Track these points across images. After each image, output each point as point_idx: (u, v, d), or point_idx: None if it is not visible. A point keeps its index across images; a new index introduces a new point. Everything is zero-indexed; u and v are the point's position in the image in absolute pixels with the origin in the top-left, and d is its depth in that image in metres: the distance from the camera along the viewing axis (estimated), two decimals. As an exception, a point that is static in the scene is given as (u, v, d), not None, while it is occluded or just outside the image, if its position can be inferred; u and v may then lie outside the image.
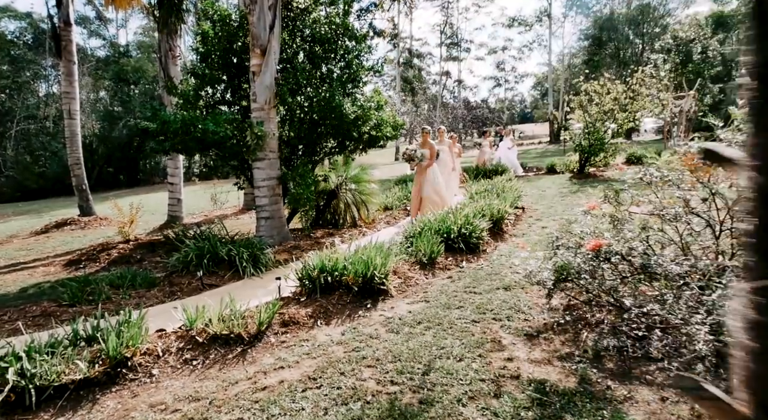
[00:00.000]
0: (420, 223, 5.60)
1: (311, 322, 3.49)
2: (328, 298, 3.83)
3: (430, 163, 6.94)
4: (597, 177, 11.83)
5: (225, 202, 12.80)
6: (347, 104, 6.03)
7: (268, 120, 5.92)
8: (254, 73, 5.89)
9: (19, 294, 5.25)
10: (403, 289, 4.15)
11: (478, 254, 5.20)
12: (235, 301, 3.64)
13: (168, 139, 5.97)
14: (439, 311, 3.54)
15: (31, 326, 3.89)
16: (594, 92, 11.65)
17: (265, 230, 6.00)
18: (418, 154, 6.84)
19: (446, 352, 2.81)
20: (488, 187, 8.56)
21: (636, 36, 31.61)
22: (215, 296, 4.47)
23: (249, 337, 3.21)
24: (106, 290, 4.46)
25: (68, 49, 10.60)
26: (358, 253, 4.15)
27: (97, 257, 6.72)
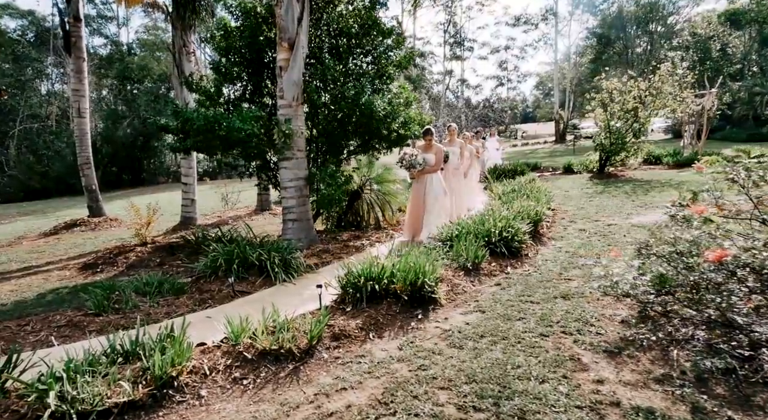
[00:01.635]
0: (457, 226, 5.34)
1: (363, 335, 3.23)
2: (377, 308, 3.57)
3: (435, 168, 5.96)
4: (619, 177, 11.57)
5: (236, 203, 12.55)
6: (377, 101, 5.76)
7: (295, 117, 5.66)
8: (281, 68, 5.63)
9: (37, 300, 5.00)
10: (451, 298, 3.89)
11: (521, 259, 4.94)
12: (278, 312, 3.39)
13: (190, 138, 5.72)
14: (500, 323, 3.28)
15: (57, 338, 3.63)
16: (615, 90, 11.37)
17: (292, 233, 5.74)
18: (419, 160, 5.82)
19: (524, 372, 2.56)
20: (515, 187, 8.30)
21: (645, 34, 31.30)
22: (249, 305, 4.23)
23: (300, 353, 2.95)
24: (132, 298, 4.20)
25: (78, 45, 10.33)
26: (404, 259, 3.89)
27: (115, 261, 6.46)
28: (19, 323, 3.91)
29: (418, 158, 5.82)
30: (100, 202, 10.88)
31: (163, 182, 28.75)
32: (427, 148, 6.02)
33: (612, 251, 3.70)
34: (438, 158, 5.96)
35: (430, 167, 5.95)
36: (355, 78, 6.14)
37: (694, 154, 13.33)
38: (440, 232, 5.40)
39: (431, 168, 5.96)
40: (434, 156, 5.96)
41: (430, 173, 5.99)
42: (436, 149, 5.99)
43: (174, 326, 2.99)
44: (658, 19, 30.69)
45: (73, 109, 10.66)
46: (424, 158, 5.87)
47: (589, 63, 34.72)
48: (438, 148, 6.00)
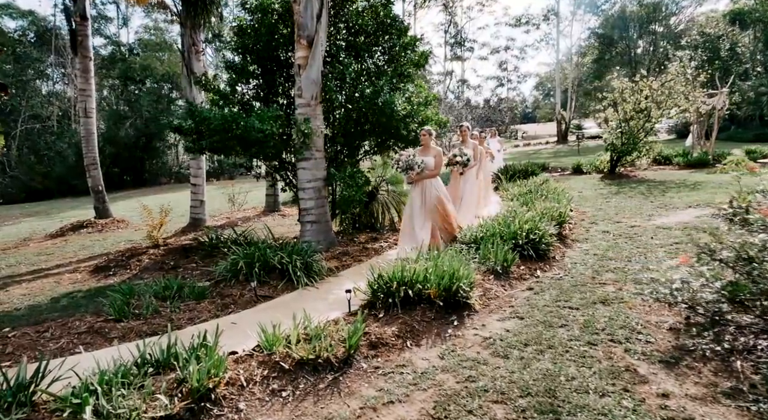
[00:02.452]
0: (481, 228, 5.21)
1: (400, 343, 3.10)
2: (411, 315, 3.44)
3: (434, 172, 5.34)
4: (630, 177, 11.45)
5: (243, 204, 12.41)
6: (398, 100, 5.64)
7: (314, 117, 5.53)
8: (300, 67, 5.50)
9: (51, 305, 4.86)
10: (484, 303, 3.76)
11: (549, 262, 4.82)
12: (310, 319, 3.27)
13: (205, 138, 5.58)
14: (542, 330, 3.16)
15: (78, 345, 3.49)
16: (627, 90, 11.25)
17: (311, 235, 5.61)
18: (418, 161, 5.24)
19: (581, 385, 2.43)
20: (531, 188, 8.18)
21: (647, 34, 31.24)
22: (273, 310, 4.10)
23: (338, 362, 2.82)
24: (153, 303, 4.06)
25: (84, 44, 10.18)
26: (435, 262, 3.77)
27: (127, 264, 6.32)
28: (38, 329, 3.77)
29: (415, 160, 5.30)
30: (106, 203, 10.74)
31: (165, 183, 28.57)
32: (426, 151, 5.45)
33: (681, 258, 3.50)
34: (437, 162, 5.34)
35: (430, 171, 5.33)
36: (374, 77, 6.01)
37: (705, 155, 13.23)
38: (463, 233, 5.27)
39: (430, 172, 5.33)
40: (433, 159, 5.33)
41: (429, 178, 5.37)
42: (435, 152, 5.37)
43: (207, 334, 2.85)
44: (661, 19, 30.65)
45: (80, 109, 10.52)
46: (423, 160, 5.32)
47: (591, 63, 34.61)
48: (438, 151, 5.39)
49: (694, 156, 13.28)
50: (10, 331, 3.92)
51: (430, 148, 5.41)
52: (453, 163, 6.43)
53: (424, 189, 5.35)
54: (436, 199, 5.37)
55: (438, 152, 5.42)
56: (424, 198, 5.36)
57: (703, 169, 12.42)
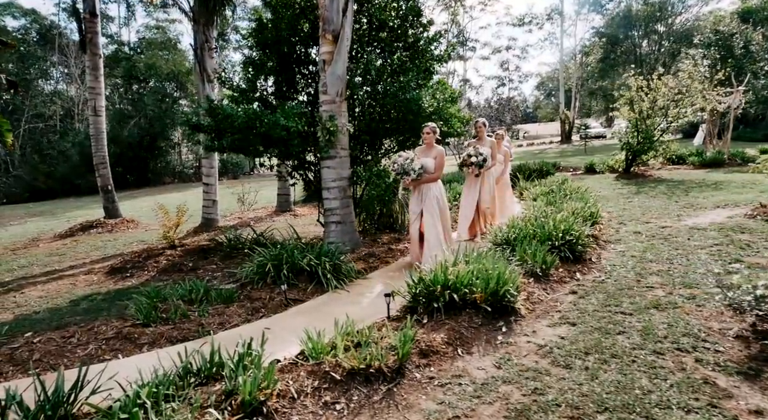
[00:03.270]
0: (513, 228, 5.05)
1: (451, 351, 2.94)
2: (457, 320, 3.28)
3: (435, 176, 4.86)
4: (647, 177, 11.29)
5: (253, 203, 12.24)
6: (425, 96, 5.47)
7: (339, 114, 5.37)
8: (325, 62, 5.34)
9: (71, 308, 4.70)
10: (529, 308, 3.60)
11: (585, 264, 4.66)
12: (353, 324, 3.11)
13: (227, 136, 5.42)
14: (599, 338, 3.00)
15: (107, 351, 3.33)
16: (643, 88, 11.08)
17: (336, 236, 5.44)
18: (415, 166, 4.71)
19: (660, 399, 2.27)
20: (552, 188, 8.02)
21: (653, 33, 31.09)
22: (305, 314, 3.94)
23: (390, 372, 2.66)
24: (181, 307, 3.90)
25: (94, 41, 10.03)
26: (477, 265, 3.61)
27: (144, 265, 6.16)
28: (63, 335, 3.61)
29: (414, 163, 4.72)
30: (116, 202, 10.58)
31: (169, 182, 28.40)
32: (427, 151, 4.90)
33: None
34: (438, 163, 4.82)
35: (429, 175, 4.81)
36: (398, 72, 5.85)
37: (719, 154, 13.07)
38: (495, 234, 5.11)
39: (430, 176, 4.81)
40: (434, 161, 4.82)
41: (429, 182, 4.85)
42: (436, 153, 4.85)
43: (252, 342, 2.69)
44: (667, 17, 30.48)
45: (89, 107, 10.35)
46: (422, 164, 4.78)
47: (596, 62, 34.45)
48: (439, 152, 4.88)
49: (708, 155, 13.13)
50: (33, 335, 3.76)
51: (433, 148, 4.92)
52: (467, 164, 5.88)
53: (422, 193, 4.90)
54: (435, 203, 4.87)
55: (440, 153, 4.89)
56: (422, 202, 4.90)
57: (719, 168, 12.26)
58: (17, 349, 3.35)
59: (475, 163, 5.84)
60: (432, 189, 4.91)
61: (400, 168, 4.80)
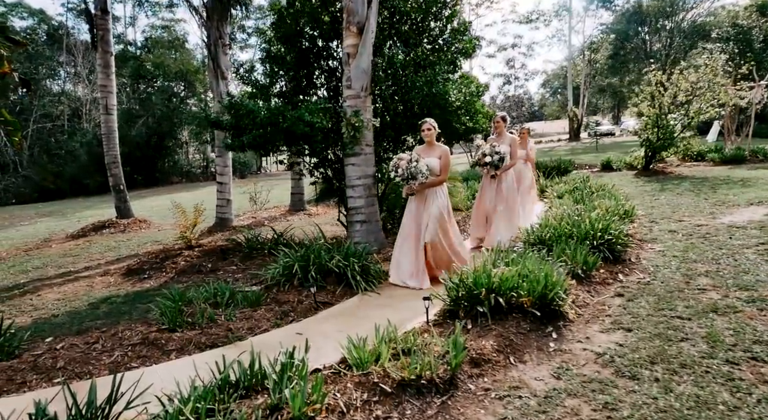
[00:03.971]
0: (546, 227, 4.84)
1: (502, 360, 2.75)
2: (504, 325, 3.09)
3: (441, 178, 4.34)
4: (667, 174, 11.01)
5: (265, 202, 12.09)
6: (452, 91, 5.27)
7: (363, 109, 5.18)
8: (349, 55, 5.15)
9: (91, 311, 4.55)
10: (577, 312, 3.40)
11: (625, 264, 4.44)
12: (396, 330, 2.92)
13: (247, 133, 5.25)
14: (662, 345, 2.79)
15: (134, 358, 3.17)
16: (665, 82, 10.81)
17: (361, 236, 5.26)
18: (422, 168, 4.17)
19: (752, 417, 2.06)
20: (577, 185, 7.80)
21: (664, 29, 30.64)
22: (337, 318, 3.77)
23: (443, 383, 2.47)
24: (208, 310, 3.73)
25: (105, 38, 9.90)
26: (521, 267, 3.41)
27: (162, 266, 6.01)
28: (86, 340, 3.46)
29: (420, 165, 4.17)
30: (128, 202, 10.46)
31: (177, 182, 28.38)
32: (429, 150, 4.37)
33: None
34: (444, 164, 4.31)
35: (435, 178, 4.29)
36: (424, 66, 5.65)
37: (739, 151, 12.75)
38: (528, 233, 4.90)
39: (436, 179, 4.29)
40: (439, 161, 4.29)
41: (435, 186, 4.32)
42: (441, 151, 4.34)
43: (294, 351, 2.51)
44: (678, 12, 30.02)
45: (101, 106, 10.23)
46: (426, 165, 4.23)
47: (606, 59, 34.03)
48: (444, 151, 4.35)
49: (728, 152, 12.81)
50: (55, 341, 3.61)
51: (436, 147, 4.37)
52: (483, 164, 5.31)
53: (428, 199, 4.31)
54: (437, 212, 4.27)
55: (444, 152, 4.33)
56: (426, 209, 4.31)
57: (740, 165, 11.94)
58: (40, 356, 3.19)
59: (491, 162, 5.28)
60: (439, 194, 4.36)
61: (405, 172, 4.20)
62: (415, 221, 4.39)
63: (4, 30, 4.74)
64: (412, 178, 4.22)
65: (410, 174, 4.21)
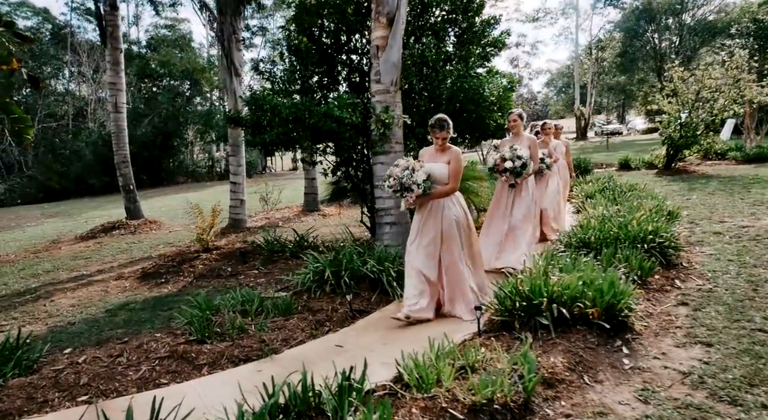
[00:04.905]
0: (588, 229, 4.55)
1: (576, 379, 2.47)
2: (569, 339, 2.81)
3: (450, 188, 3.55)
4: (691, 173, 10.71)
5: (277, 202, 11.83)
6: (487, 85, 4.99)
7: (393, 104, 4.90)
8: (378, 48, 4.87)
9: (108, 319, 4.29)
10: (643, 323, 3.11)
11: (678, 269, 4.16)
12: (453, 342, 2.65)
13: (269, 130, 4.98)
14: (754, 362, 2.51)
15: (163, 374, 2.91)
16: (685, 79, 10.50)
17: (390, 238, 4.99)
18: (417, 179, 3.39)
19: None
20: (606, 185, 7.51)
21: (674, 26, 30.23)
22: (377, 328, 3.51)
23: (517, 408, 2.20)
24: (239, 320, 3.46)
25: (114, 35, 9.65)
26: (582, 274, 3.13)
27: (179, 269, 5.75)
28: (110, 353, 3.19)
29: (417, 175, 3.39)
30: (138, 202, 10.22)
31: (182, 182, 28.12)
32: (436, 154, 3.62)
33: None
34: (454, 169, 3.51)
35: (442, 188, 3.51)
36: (452, 59, 5.37)
37: (762, 149, 12.41)
38: (569, 236, 4.62)
39: (444, 188, 3.51)
40: (446, 166, 3.52)
41: (443, 197, 3.54)
42: (450, 155, 3.55)
43: (352, 371, 2.23)
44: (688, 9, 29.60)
45: (110, 104, 9.99)
46: (428, 173, 3.46)
47: (614, 57, 33.63)
48: (454, 155, 3.56)
49: (751, 150, 12.48)
50: (74, 353, 3.35)
51: (447, 150, 3.61)
52: (502, 171, 4.51)
53: (434, 213, 3.53)
54: (455, 225, 3.52)
55: (455, 156, 3.55)
56: (435, 225, 3.51)
57: (764, 163, 11.62)
58: (62, 371, 2.93)
59: (511, 169, 4.45)
60: (449, 207, 3.54)
61: (397, 184, 3.43)
62: (423, 238, 3.61)
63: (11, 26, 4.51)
64: (406, 190, 3.43)
65: (403, 185, 3.42)
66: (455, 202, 3.64)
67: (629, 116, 45.75)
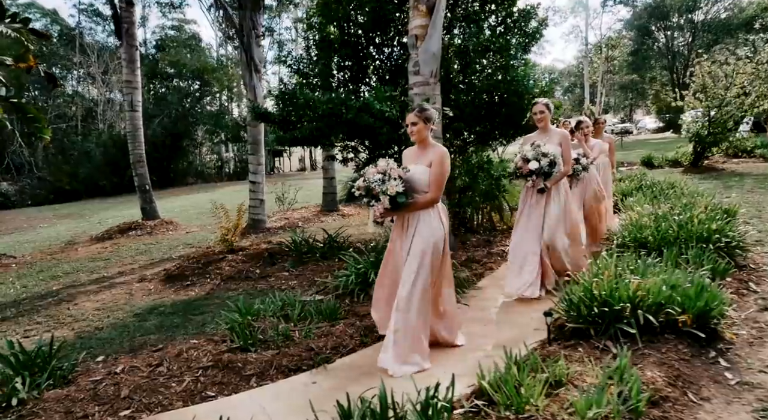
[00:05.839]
0: (648, 229, 4.26)
1: (680, 396, 2.20)
2: (659, 350, 2.53)
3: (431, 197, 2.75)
4: (720, 170, 10.37)
5: (293, 202, 11.59)
6: (532, 77, 4.73)
7: (433, 97, 4.64)
8: (416, 38, 4.62)
9: (138, 323, 4.07)
10: (733, 332, 2.83)
11: (747, 271, 3.87)
12: (537, 358, 2.39)
13: (304, 125, 4.75)
14: None
15: (209, 385, 2.67)
16: (718, 74, 10.17)
17: (430, 238, 4.72)
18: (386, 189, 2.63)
19: None
20: (644, 182, 7.21)
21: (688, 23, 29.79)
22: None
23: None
24: (283, 325, 3.22)
25: (130, 32, 9.49)
26: (665, 276, 2.86)
27: (205, 271, 5.53)
28: (148, 362, 2.96)
29: (388, 184, 2.62)
30: (154, 203, 10.04)
31: (192, 183, 27.99)
32: (419, 153, 2.86)
33: None
34: (437, 174, 2.72)
35: (422, 197, 2.74)
36: (493, 51, 5.11)
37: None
38: (623, 235, 4.33)
39: (421, 198, 2.74)
40: (427, 170, 2.74)
41: (421, 209, 2.75)
42: (434, 155, 2.75)
43: (437, 388, 1.98)
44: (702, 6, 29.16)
45: (126, 103, 9.82)
46: (402, 178, 2.67)
47: (627, 55, 33.22)
48: (440, 155, 2.75)
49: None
50: (108, 361, 3.12)
51: (428, 147, 2.82)
52: (526, 175, 3.66)
53: (408, 226, 2.80)
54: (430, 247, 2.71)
55: (438, 157, 2.74)
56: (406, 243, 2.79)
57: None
58: (100, 382, 2.70)
59: (537, 170, 3.58)
60: (425, 221, 2.74)
61: (364, 189, 2.70)
62: (393, 263, 2.91)
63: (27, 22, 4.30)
64: (373, 198, 2.67)
65: (370, 191, 2.67)
66: (434, 217, 2.77)
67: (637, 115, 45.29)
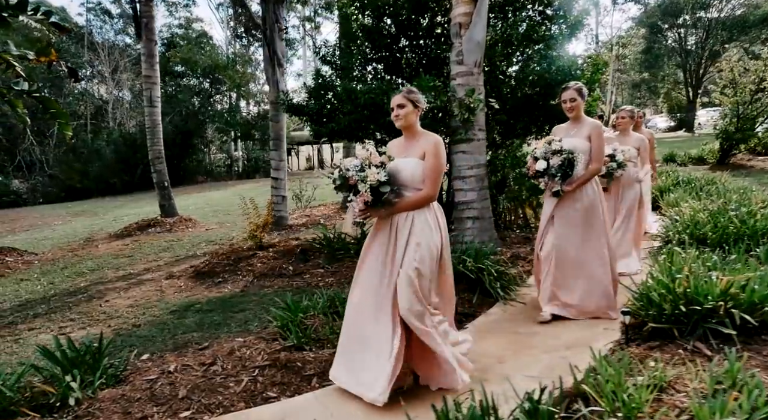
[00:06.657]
0: (707, 225, 4.08)
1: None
2: (758, 351, 2.35)
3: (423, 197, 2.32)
4: (749, 168, 10.13)
5: (312, 200, 11.45)
6: (580, 66, 4.56)
7: (477, 87, 4.48)
8: (461, 25, 4.46)
9: (177, 321, 3.93)
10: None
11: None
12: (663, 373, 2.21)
13: (343, 118, 4.59)
14: None
15: (269, 386, 2.52)
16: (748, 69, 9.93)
17: (473, 234, 4.56)
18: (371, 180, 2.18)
19: None
20: (681, 179, 7.00)
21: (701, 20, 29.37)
22: (489, 334, 3.11)
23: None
24: (336, 324, 3.07)
25: (149, 26, 9.37)
26: (754, 274, 2.67)
27: (236, 268, 5.39)
28: (201, 361, 2.81)
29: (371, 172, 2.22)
30: (173, 200, 9.94)
31: (202, 181, 27.94)
32: (408, 144, 2.46)
33: None
34: (431, 167, 2.31)
35: (412, 195, 2.32)
36: (537, 40, 4.93)
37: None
38: (677, 231, 4.15)
39: (413, 196, 2.32)
40: (419, 163, 2.34)
41: (410, 209, 2.30)
42: (427, 145, 2.35)
43: (543, 392, 1.81)
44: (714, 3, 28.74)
45: (145, 99, 9.72)
46: (386, 172, 2.25)
47: (638, 54, 32.85)
48: (433, 145, 2.33)
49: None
50: (155, 359, 2.98)
51: (419, 136, 2.42)
52: (532, 176, 3.25)
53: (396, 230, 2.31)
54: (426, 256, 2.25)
55: (433, 146, 2.33)
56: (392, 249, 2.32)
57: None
58: (155, 381, 2.56)
59: (545, 170, 3.11)
60: (422, 223, 2.29)
61: (340, 179, 2.28)
62: (377, 272, 2.34)
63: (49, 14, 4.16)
64: (352, 192, 2.26)
65: (345, 182, 2.26)
66: (430, 218, 2.32)
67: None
